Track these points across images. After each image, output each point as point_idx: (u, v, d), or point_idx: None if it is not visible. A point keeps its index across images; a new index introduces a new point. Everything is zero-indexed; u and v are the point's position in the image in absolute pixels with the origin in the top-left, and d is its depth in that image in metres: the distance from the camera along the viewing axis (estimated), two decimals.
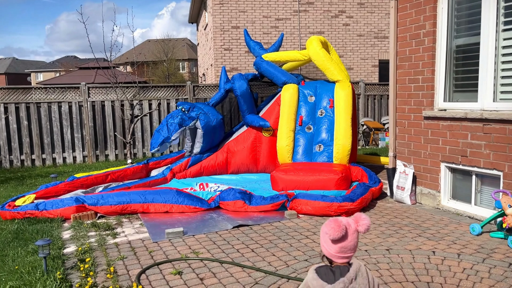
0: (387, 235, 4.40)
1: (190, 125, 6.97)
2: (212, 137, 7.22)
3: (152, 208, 5.42)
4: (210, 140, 7.21)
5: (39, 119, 9.58)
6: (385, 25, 15.09)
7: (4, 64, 66.10)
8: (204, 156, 7.24)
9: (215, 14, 13.86)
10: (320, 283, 1.81)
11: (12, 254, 4.04)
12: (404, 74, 5.76)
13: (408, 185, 5.56)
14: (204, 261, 3.84)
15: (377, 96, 12.76)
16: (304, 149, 6.77)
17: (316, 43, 6.94)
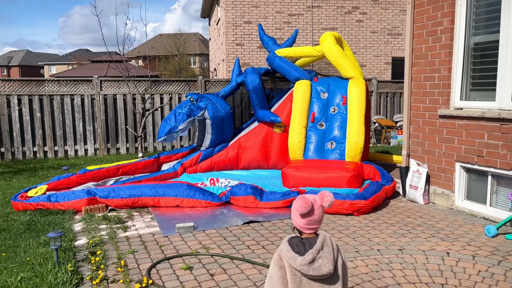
0: (399, 235, 4.33)
1: (199, 115, 6.93)
2: (221, 129, 7.17)
3: (163, 201, 5.43)
4: (220, 132, 7.15)
5: (52, 111, 9.64)
6: (399, 22, 14.90)
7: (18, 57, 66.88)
8: (215, 151, 7.22)
9: (228, 9, 13.81)
10: (292, 255, 2.00)
11: (24, 246, 4.07)
12: (420, 71, 5.66)
13: (421, 185, 5.48)
14: (214, 257, 3.82)
15: (389, 94, 12.62)
16: (316, 146, 6.71)
17: (330, 38, 6.86)
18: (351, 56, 7.05)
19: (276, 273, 2.06)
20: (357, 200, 5.00)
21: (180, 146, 10.55)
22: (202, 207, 5.42)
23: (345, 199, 5.02)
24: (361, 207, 4.98)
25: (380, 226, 4.62)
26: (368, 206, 5.03)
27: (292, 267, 2.00)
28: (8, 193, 6.30)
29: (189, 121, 6.87)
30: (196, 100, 7.05)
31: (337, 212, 5.03)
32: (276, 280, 2.06)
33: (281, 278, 2.04)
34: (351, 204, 4.97)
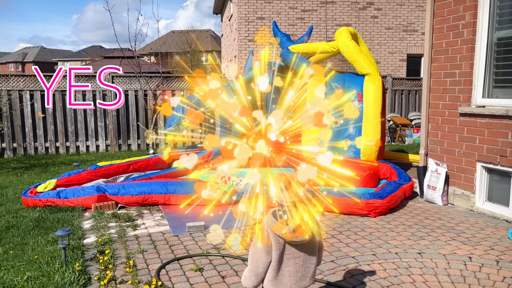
0: (418, 237, 4.16)
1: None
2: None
3: (174, 199, 5.32)
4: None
5: (64, 106, 9.62)
6: (415, 18, 14.60)
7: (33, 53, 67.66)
8: None
9: (240, 5, 13.65)
10: (275, 221, 2.27)
11: (32, 243, 3.99)
12: (440, 67, 5.45)
13: (440, 185, 5.28)
14: (225, 258, 3.70)
15: (404, 91, 12.36)
16: (331, 144, 6.54)
17: (345, 34, 6.67)
18: (367, 52, 6.85)
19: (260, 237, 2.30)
20: (373, 200, 4.83)
21: (191, 143, 10.46)
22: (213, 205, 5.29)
23: (360, 198, 4.86)
24: (377, 207, 4.81)
25: (397, 228, 4.45)
26: (385, 206, 4.85)
27: (277, 235, 2.26)
28: (18, 188, 6.26)
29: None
30: None
31: (352, 213, 4.87)
32: (259, 247, 2.29)
33: (264, 246, 2.28)
34: (367, 204, 4.80)
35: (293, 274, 2.34)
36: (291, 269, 2.34)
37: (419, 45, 14.69)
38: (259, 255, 2.32)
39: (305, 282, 2.39)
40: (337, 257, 3.69)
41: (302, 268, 2.37)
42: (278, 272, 2.33)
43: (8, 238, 4.15)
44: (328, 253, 3.80)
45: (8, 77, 9.31)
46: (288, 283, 2.33)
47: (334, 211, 4.93)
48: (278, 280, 2.33)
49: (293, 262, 2.33)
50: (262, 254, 2.30)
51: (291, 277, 2.33)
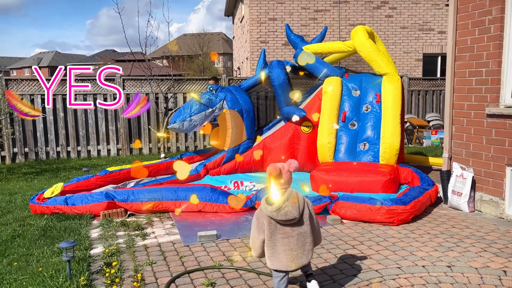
0: (446, 248, 3.87)
1: (217, 106, 6.54)
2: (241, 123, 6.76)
3: (185, 206, 5.11)
4: (239, 127, 6.75)
5: (75, 111, 9.52)
6: (431, 16, 14.21)
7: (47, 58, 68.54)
8: (239, 152, 6.86)
9: (252, 6, 13.45)
10: (266, 206, 2.68)
11: (37, 254, 3.82)
12: (464, 66, 5.15)
13: (466, 191, 4.97)
14: (239, 271, 3.46)
15: (421, 92, 12.00)
16: (347, 147, 6.26)
17: (362, 33, 6.39)
18: (384, 51, 6.56)
19: (255, 222, 2.77)
20: (395, 206, 4.54)
21: (203, 146, 10.27)
22: (226, 212, 5.08)
23: (382, 204, 4.58)
24: (400, 213, 4.51)
25: (422, 238, 4.16)
26: (409, 212, 4.56)
27: (267, 216, 2.67)
28: (27, 195, 6.13)
29: (206, 112, 6.42)
30: (215, 90, 6.72)
31: (372, 220, 4.59)
32: (255, 227, 2.76)
33: (258, 225, 2.74)
34: (389, 210, 4.52)
35: (288, 252, 2.69)
36: (285, 248, 2.69)
37: (436, 44, 14.31)
38: (253, 233, 2.80)
39: (302, 260, 2.72)
40: (359, 271, 3.43)
41: (297, 247, 2.70)
42: (274, 250, 2.70)
43: (13, 249, 3.99)
44: (349, 265, 3.54)
45: (19, 81, 9.25)
46: (284, 260, 2.69)
47: (353, 218, 4.67)
48: (275, 257, 2.70)
49: (287, 241, 2.69)
50: (255, 233, 2.78)
51: (287, 255, 2.69)
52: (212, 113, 6.55)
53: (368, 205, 4.62)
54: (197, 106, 6.41)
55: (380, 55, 6.34)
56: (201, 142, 10.27)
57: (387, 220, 4.54)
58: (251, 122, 6.86)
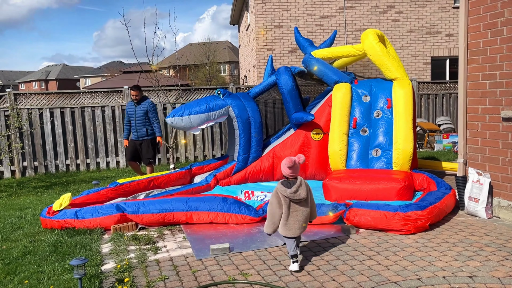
0: (466, 258, 3.75)
1: (222, 111, 6.45)
2: (249, 131, 6.64)
3: (196, 217, 5.04)
4: (247, 135, 6.63)
5: (84, 123, 9.54)
6: (438, 19, 14.11)
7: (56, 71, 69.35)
8: (249, 162, 6.79)
9: (258, 14, 13.46)
10: (284, 189, 3.61)
11: (48, 271, 3.76)
12: (477, 69, 5.05)
13: (483, 197, 4.85)
14: (254, 286, 3.38)
15: (431, 96, 11.88)
16: (359, 154, 6.15)
17: (372, 36, 6.31)
18: (395, 55, 6.47)
19: (275, 200, 3.66)
20: (412, 212, 4.39)
21: (212, 156, 10.23)
22: (238, 222, 4.99)
23: (397, 210, 4.46)
24: (417, 220, 4.36)
25: (440, 247, 4.04)
26: (425, 219, 4.40)
27: (284, 195, 3.62)
28: (38, 209, 6.11)
29: (207, 115, 6.33)
30: (223, 95, 6.67)
31: (388, 227, 4.46)
32: (275, 204, 3.66)
33: (279, 203, 3.65)
34: (405, 217, 4.37)
35: (297, 222, 3.65)
36: (295, 219, 3.65)
37: (443, 47, 14.19)
38: (274, 209, 3.66)
39: (305, 226, 3.74)
40: (378, 283, 3.33)
41: (302, 218, 3.67)
42: (287, 221, 3.64)
43: (24, 266, 3.94)
44: (367, 277, 3.44)
45: (27, 95, 9.30)
46: (293, 228, 3.64)
47: (369, 226, 4.55)
48: (287, 226, 3.64)
49: (295, 214, 3.65)
50: (276, 209, 3.65)
51: (295, 223, 3.65)
52: (216, 117, 6.47)
53: (383, 212, 4.51)
54: (202, 107, 6.35)
55: (391, 59, 6.25)
56: (209, 152, 10.22)
57: (402, 227, 4.41)
58: (258, 131, 6.78)
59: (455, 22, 14.13)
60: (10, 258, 4.14)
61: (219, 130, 10.21)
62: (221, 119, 6.60)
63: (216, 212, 5.04)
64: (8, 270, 3.85)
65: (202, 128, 6.45)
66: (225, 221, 5.02)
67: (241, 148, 6.70)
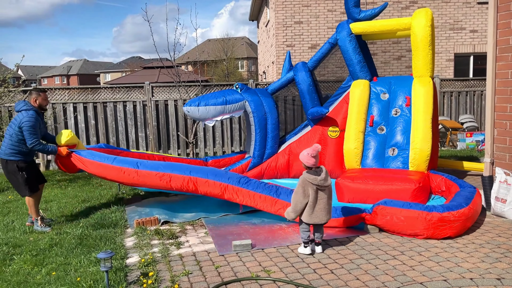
0: (493, 259, 3.67)
1: (238, 105, 6.45)
2: (265, 127, 6.61)
3: (202, 185, 4.78)
4: (264, 129, 6.61)
5: (105, 118, 9.68)
6: (462, 15, 13.81)
7: (77, 66, 70.52)
8: (265, 158, 6.76)
9: (278, 10, 13.40)
10: (313, 177, 3.76)
11: (74, 263, 3.84)
12: (506, 66, 4.93)
13: (510, 197, 4.73)
14: (277, 283, 3.38)
15: (454, 93, 11.63)
16: (375, 153, 5.98)
17: (427, 16, 5.83)
18: (433, 48, 6.01)
19: (300, 190, 3.79)
20: (448, 213, 4.08)
21: (231, 151, 10.26)
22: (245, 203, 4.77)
23: (432, 210, 4.13)
24: (453, 221, 4.08)
25: (466, 248, 3.97)
26: (462, 220, 4.13)
27: (311, 183, 3.76)
28: (62, 202, 6.23)
29: (223, 107, 6.33)
30: (241, 89, 6.66)
31: (417, 234, 4.17)
32: (301, 193, 3.79)
33: (304, 192, 3.78)
34: (440, 219, 4.07)
35: (323, 209, 3.80)
36: (321, 207, 3.80)
37: (467, 44, 13.88)
38: (298, 198, 3.79)
39: (329, 216, 3.89)
40: (403, 283, 3.29)
41: (327, 206, 3.83)
42: (313, 209, 3.78)
43: (51, 258, 4.03)
44: (392, 277, 3.40)
45: (53, 90, 9.47)
46: (319, 216, 3.80)
47: (399, 227, 4.27)
48: (314, 215, 3.79)
49: (322, 202, 3.80)
50: (300, 198, 3.78)
51: (322, 212, 3.80)
52: (232, 110, 6.45)
53: (416, 211, 4.15)
54: (219, 100, 6.36)
55: (429, 51, 5.84)
56: (228, 147, 10.26)
57: (437, 232, 4.11)
58: (275, 127, 6.73)
59: (479, 18, 13.81)
60: (37, 250, 4.24)
61: (238, 126, 10.23)
62: (237, 113, 6.58)
63: (227, 184, 4.80)
64: (36, 261, 3.94)
65: (217, 120, 6.44)
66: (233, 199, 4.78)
67: (256, 144, 6.68)
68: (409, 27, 6.03)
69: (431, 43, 5.85)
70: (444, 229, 4.13)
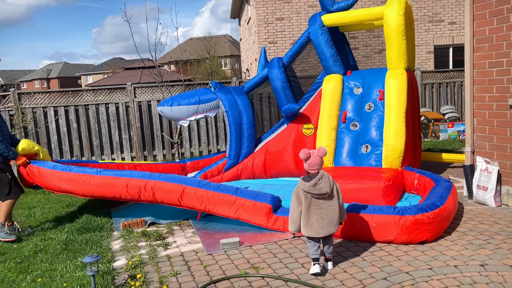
0: (477, 246, 3.75)
1: (211, 104, 6.39)
2: (240, 126, 6.52)
3: (157, 191, 4.64)
4: (238, 129, 6.51)
5: (88, 121, 9.55)
6: (440, 7, 14.00)
7: (57, 69, 69.34)
8: (241, 158, 6.63)
9: (259, 7, 13.39)
10: (303, 183, 3.36)
11: (60, 269, 3.79)
12: (483, 57, 5.02)
13: (491, 185, 4.84)
14: (266, 279, 3.39)
15: (435, 85, 11.81)
16: (349, 151, 5.72)
17: (400, 5, 5.54)
18: (412, 39, 5.93)
19: (294, 197, 3.44)
20: (421, 215, 3.81)
21: (217, 150, 10.23)
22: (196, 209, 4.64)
23: (405, 214, 3.84)
24: (429, 223, 3.81)
25: (451, 236, 4.04)
26: (436, 221, 3.86)
27: (304, 190, 3.37)
28: (46, 208, 6.14)
29: (196, 107, 6.26)
30: (215, 88, 6.59)
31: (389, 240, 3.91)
32: (294, 201, 3.43)
33: (297, 200, 3.42)
34: (414, 222, 3.78)
35: (320, 221, 3.36)
36: (317, 217, 3.36)
37: (446, 36, 14.09)
38: (293, 206, 3.44)
39: (330, 229, 3.39)
40: (389, 273, 3.33)
41: (327, 217, 3.37)
42: (308, 219, 3.37)
43: (36, 264, 3.97)
44: (378, 268, 3.44)
45: (31, 94, 9.31)
46: (316, 227, 3.35)
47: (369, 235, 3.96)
48: (309, 225, 3.36)
49: (319, 212, 3.37)
50: (294, 206, 3.43)
51: (318, 223, 3.36)
52: (205, 110, 6.38)
53: (383, 216, 3.87)
54: (192, 99, 6.31)
55: (400, 41, 5.58)
56: (214, 146, 10.23)
57: (415, 237, 3.82)
58: (250, 126, 6.60)
59: (457, 10, 14.02)
60: (21, 257, 4.18)
61: (223, 124, 10.20)
62: (212, 112, 6.49)
63: (184, 185, 4.62)
64: (21, 268, 3.88)
65: (191, 120, 6.38)
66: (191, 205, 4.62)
67: (232, 144, 6.56)
68: (381, 17, 5.80)
69: (404, 32, 5.59)
70: (420, 233, 3.84)
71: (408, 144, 5.53)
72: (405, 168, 5.47)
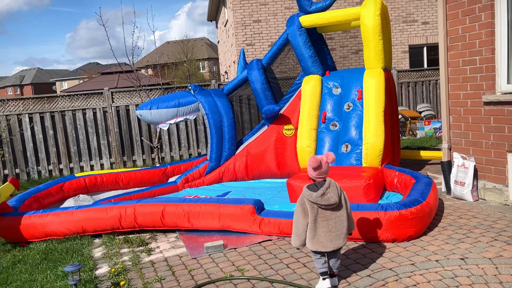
0: (456, 240, 3.83)
1: (191, 107, 6.34)
2: (220, 128, 6.51)
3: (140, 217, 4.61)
4: (219, 132, 6.50)
5: (65, 127, 9.36)
6: (413, 8, 14.30)
7: (30, 75, 67.70)
8: (222, 161, 6.61)
9: (236, 9, 13.40)
10: (310, 193, 3.04)
11: (40, 279, 3.70)
12: (457, 55, 5.15)
13: (468, 180, 4.96)
14: (251, 281, 3.38)
15: (410, 83, 12.05)
16: (329, 150, 5.76)
17: (376, 5, 5.62)
18: (388, 40, 6.02)
19: (299, 208, 3.10)
20: (404, 210, 3.83)
21: (198, 154, 10.17)
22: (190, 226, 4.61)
23: (388, 209, 3.86)
24: (412, 219, 3.84)
25: (431, 231, 4.13)
26: (419, 215, 3.90)
27: (310, 201, 3.03)
28: None
29: (175, 110, 6.22)
30: (194, 91, 6.54)
31: (375, 238, 3.92)
32: (299, 212, 3.09)
33: (303, 211, 3.08)
34: (399, 217, 3.81)
35: (327, 233, 3.04)
36: (325, 230, 3.04)
37: (420, 35, 14.41)
38: (298, 218, 3.10)
39: (339, 242, 3.07)
40: (373, 270, 3.38)
41: (335, 229, 3.06)
42: (315, 232, 3.04)
43: (15, 275, 3.86)
44: (362, 266, 3.48)
45: (5, 101, 9.06)
46: (324, 241, 3.03)
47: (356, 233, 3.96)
48: (315, 239, 3.04)
49: (326, 224, 3.04)
50: (300, 218, 3.09)
51: (326, 236, 3.03)
52: (185, 113, 6.35)
53: (374, 212, 3.88)
54: (171, 102, 6.26)
55: (377, 41, 5.67)
56: (194, 150, 10.16)
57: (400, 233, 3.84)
58: (230, 128, 6.58)
59: (430, 10, 14.35)
60: (0, 268, 4.05)
61: (203, 127, 10.15)
62: (192, 115, 6.46)
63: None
64: (0, 280, 3.77)
65: (171, 123, 6.35)
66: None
67: (213, 146, 6.54)
68: (358, 17, 5.87)
69: (381, 32, 5.67)
70: (404, 229, 3.87)
71: (388, 143, 5.59)
72: (385, 166, 5.52)
